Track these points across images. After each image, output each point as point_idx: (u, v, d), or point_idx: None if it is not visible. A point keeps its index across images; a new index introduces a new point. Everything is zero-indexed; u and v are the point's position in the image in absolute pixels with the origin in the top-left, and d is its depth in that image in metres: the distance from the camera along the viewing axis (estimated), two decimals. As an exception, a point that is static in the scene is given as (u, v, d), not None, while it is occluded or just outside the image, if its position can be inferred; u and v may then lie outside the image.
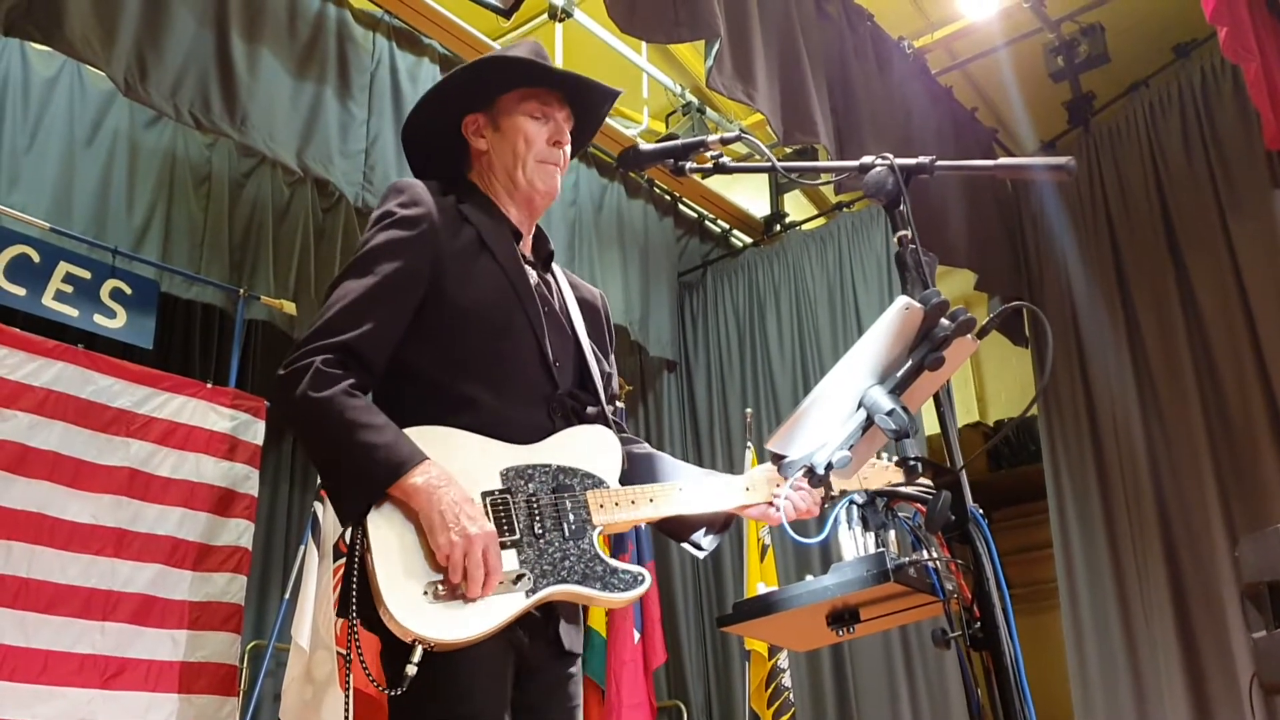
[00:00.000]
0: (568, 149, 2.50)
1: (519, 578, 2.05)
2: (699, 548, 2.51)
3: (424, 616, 1.95)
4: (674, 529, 2.49)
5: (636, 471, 2.44)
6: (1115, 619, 6.08)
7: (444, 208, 2.32)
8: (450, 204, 2.35)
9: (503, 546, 2.06)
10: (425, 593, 1.97)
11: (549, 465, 2.20)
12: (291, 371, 2.09)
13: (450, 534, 1.98)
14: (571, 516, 2.16)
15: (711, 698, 7.04)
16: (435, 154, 2.51)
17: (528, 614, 2.07)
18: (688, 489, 2.33)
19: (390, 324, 2.20)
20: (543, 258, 2.54)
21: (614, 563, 2.15)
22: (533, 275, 2.43)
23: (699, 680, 7.11)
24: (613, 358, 2.59)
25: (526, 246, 2.49)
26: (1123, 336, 6.43)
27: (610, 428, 2.37)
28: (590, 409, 2.37)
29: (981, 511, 1.88)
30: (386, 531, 2.02)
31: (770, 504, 2.37)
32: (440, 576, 1.99)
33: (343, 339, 2.12)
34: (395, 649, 2.01)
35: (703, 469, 2.56)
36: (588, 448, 2.28)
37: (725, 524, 2.52)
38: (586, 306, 2.56)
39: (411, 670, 1.93)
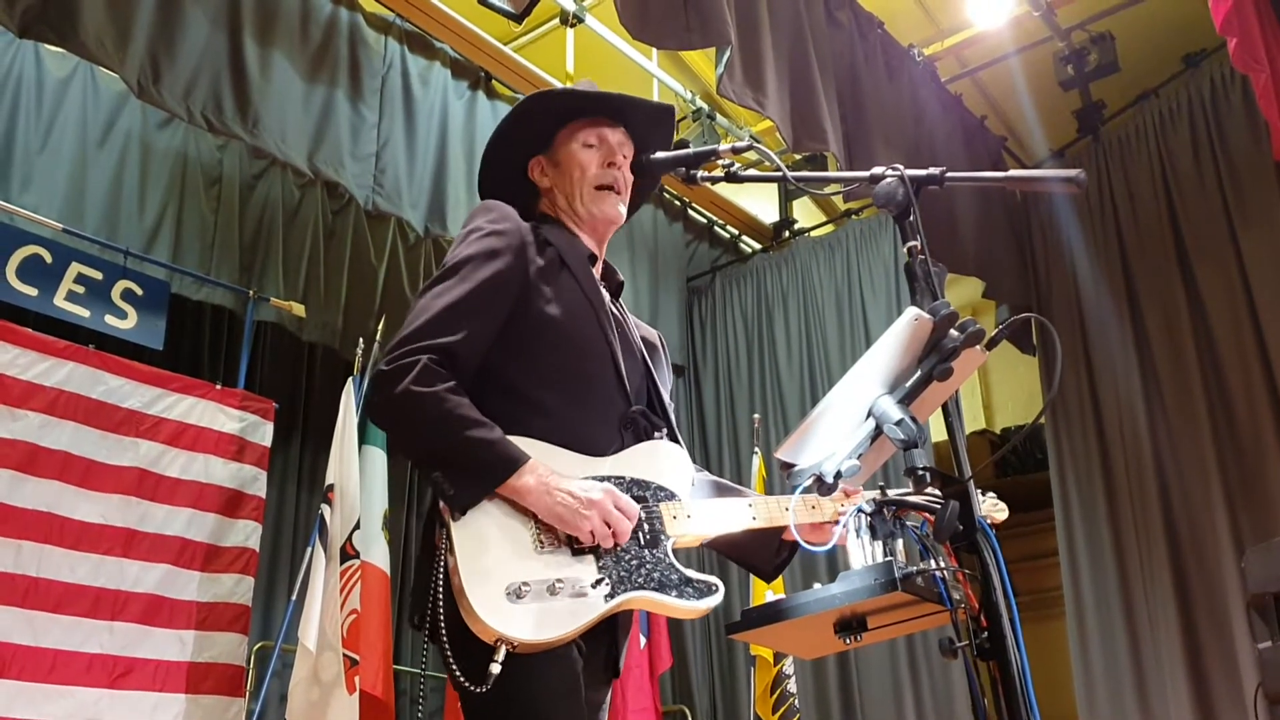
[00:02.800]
0: (624, 171, 2.55)
1: (598, 582, 2.08)
2: (765, 571, 2.55)
3: (507, 617, 1.99)
4: (741, 550, 2.53)
5: (704, 492, 2.48)
6: (1120, 627, 6.08)
7: (529, 228, 2.40)
8: (532, 226, 2.42)
9: (581, 552, 2.11)
10: (507, 594, 2.01)
11: (624, 477, 2.25)
12: (397, 367, 2.13)
13: (581, 516, 2.07)
14: (646, 527, 2.20)
15: (717, 703, 7.04)
16: (507, 197, 2.53)
17: (591, 631, 2.09)
18: (758, 507, 2.37)
19: (484, 331, 2.26)
20: (613, 287, 2.61)
21: (689, 571, 2.18)
22: (606, 298, 2.50)
23: (704, 685, 7.11)
24: (670, 392, 2.63)
25: (599, 272, 2.56)
26: (1130, 345, 6.43)
27: (680, 446, 2.41)
28: (658, 432, 2.42)
29: (989, 521, 1.89)
30: (469, 534, 2.07)
31: (836, 521, 2.35)
32: (521, 579, 2.03)
33: (444, 342, 2.18)
34: (474, 649, 2.02)
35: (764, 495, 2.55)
36: (661, 462, 2.33)
37: (792, 549, 2.54)
38: (648, 344, 2.61)
39: (495, 669, 1.96)
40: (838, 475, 1.87)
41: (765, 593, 5.89)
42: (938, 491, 1.92)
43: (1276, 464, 5.68)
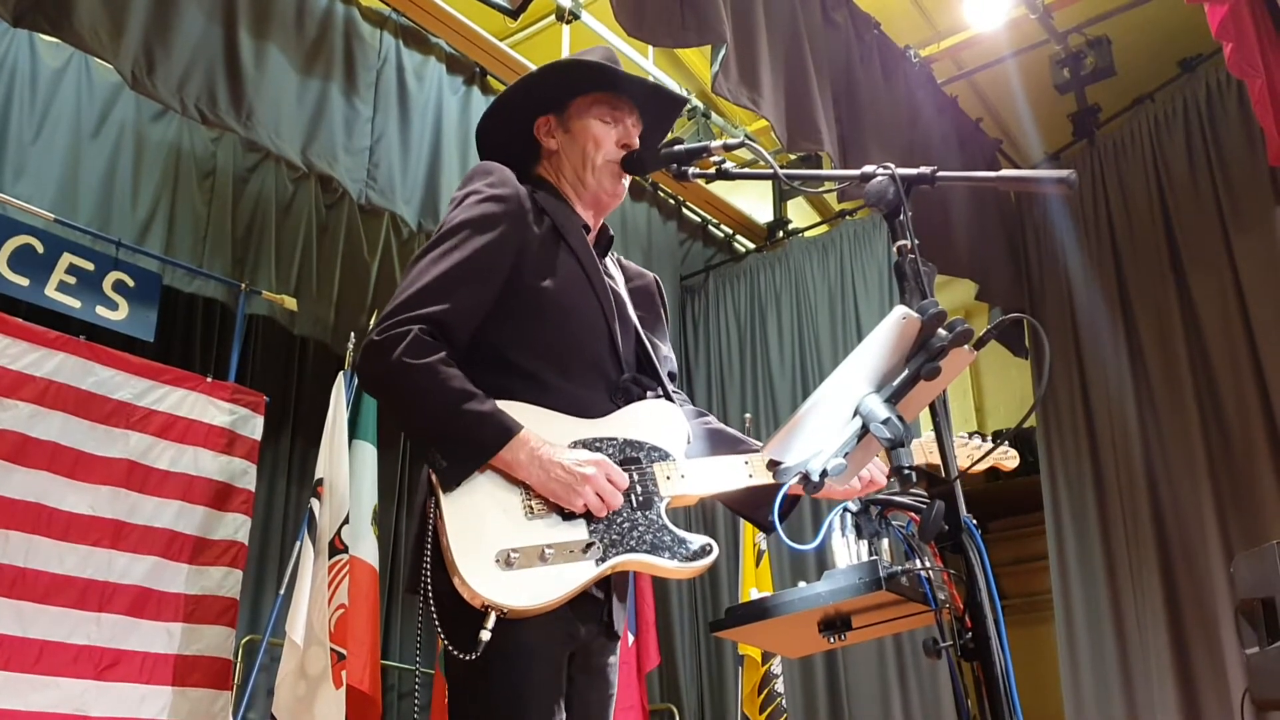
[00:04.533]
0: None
1: (588, 546, 2.09)
2: (767, 525, 2.49)
3: (496, 583, 2.00)
4: (742, 504, 2.50)
5: (702, 446, 2.47)
6: (1109, 631, 6.08)
7: (526, 194, 2.38)
8: (528, 192, 2.40)
9: (572, 516, 2.11)
10: (497, 561, 2.02)
11: (615, 439, 2.25)
12: (388, 337, 2.13)
13: (575, 492, 2.08)
14: (639, 488, 2.20)
15: (704, 702, 7.04)
16: (505, 152, 2.53)
17: (584, 596, 2.10)
18: (755, 464, 2.34)
19: (477, 300, 2.25)
20: (603, 245, 2.59)
21: (682, 533, 2.18)
22: (601, 266, 2.48)
23: (692, 684, 7.11)
24: (668, 339, 2.63)
25: (591, 239, 2.53)
26: (1123, 349, 6.43)
27: (675, 404, 2.41)
28: (650, 392, 2.41)
29: (975, 522, 1.88)
30: (459, 502, 2.07)
31: None
32: (511, 546, 2.04)
33: (435, 311, 2.17)
34: (464, 616, 2.03)
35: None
36: (653, 422, 2.32)
37: (793, 502, 2.49)
38: (641, 293, 2.61)
39: (486, 636, 1.98)
40: (823, 474, 1.87)
41: (751, 590, 5.91)
42: (923, 491, 1.92)
43: (1267, 469, 5.68)
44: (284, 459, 6.88)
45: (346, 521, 5.42)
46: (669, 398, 2.43)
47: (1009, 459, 2.78)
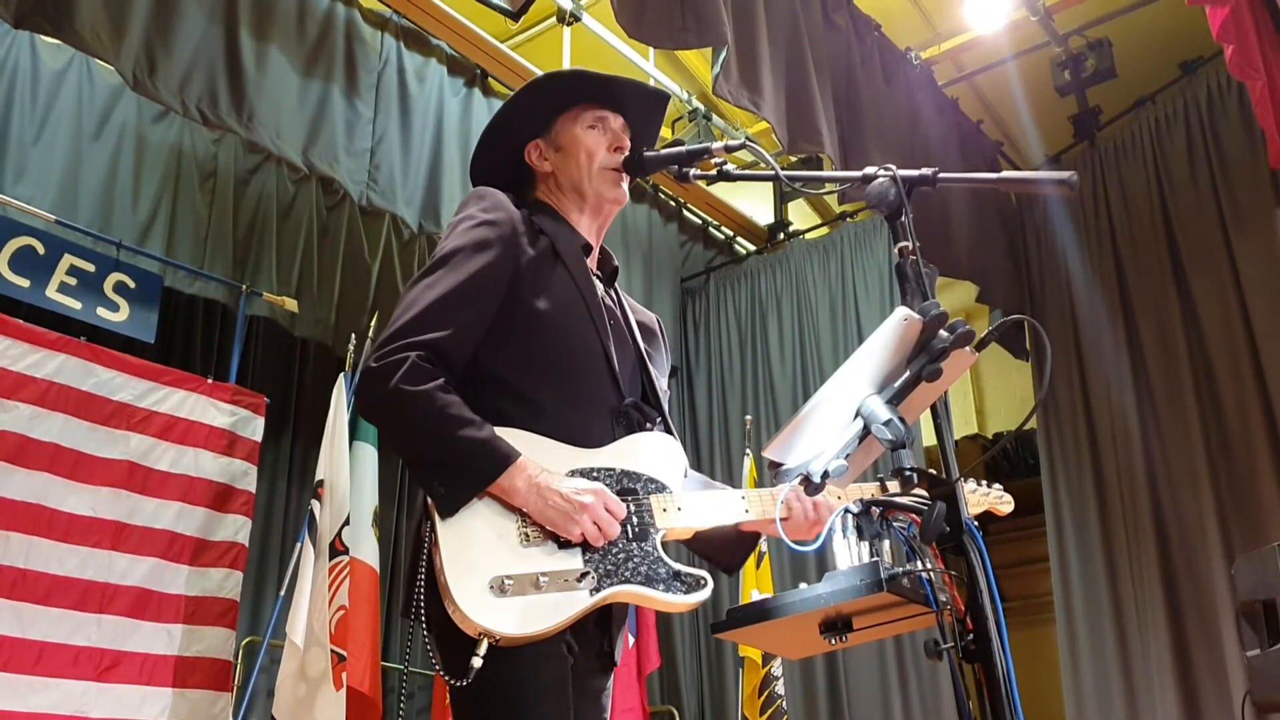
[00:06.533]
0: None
1: (583, 576, 2.07)
2: (731, 565, 2.54)
3: (490, 611, 1.99)
4: (714, 546, 2.49)
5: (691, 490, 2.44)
6: (1110, 634, 6.08)
7: (521, 216, 2.37)
8: (525, 215, 2.39)
9: (568, 545, 2.10)
10: (491, 587, 2.01)
11: (613, 469, 2.23)
12: (385, 364, 2.11)
13: (572, 521, 2.07)
14: (635, 520, 2.18)
15: (705, 704, 7.03)
16: (500, 182, 2.50)
17: (582, 625, 2.09)
18: (750, 499, 2.34)
19: (474, 325, 2.23)
20: (608, 273, 2.57)
21: (677, 565, 2.16)
22: (600, 288, 2.46)
23: (692, 686, 7.10)
24: (667, 380, 2.61)
25: (594, 261, 2.52)
26: (1124, 351, 6.43)
27: (674, 437, 2.39)
28: (650, 423, 2.39)
29: (976, 523, 1.87)
30: (454, 528, 2.06)
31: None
32: (505, 573, 2.02)
33: (431, 338, 2.16)
34: (458, 643, 2.02)
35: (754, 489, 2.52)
36: (652, 454, 2.30)
37: (753, 543, 2.54)
38: (645, 329, 2.58)
39: (477, 663, 1.97)
40: (825, 475, 1.86)
41: (752, 592, 5.90)
42: (925, 492, 1.91)
43: (1268, 471, 5.68)
44: (284, 460, 6.89)
45: (347, 523, 5.41)
46: (669, 430, 2.41)
47: (1004, 504, 2.78)
